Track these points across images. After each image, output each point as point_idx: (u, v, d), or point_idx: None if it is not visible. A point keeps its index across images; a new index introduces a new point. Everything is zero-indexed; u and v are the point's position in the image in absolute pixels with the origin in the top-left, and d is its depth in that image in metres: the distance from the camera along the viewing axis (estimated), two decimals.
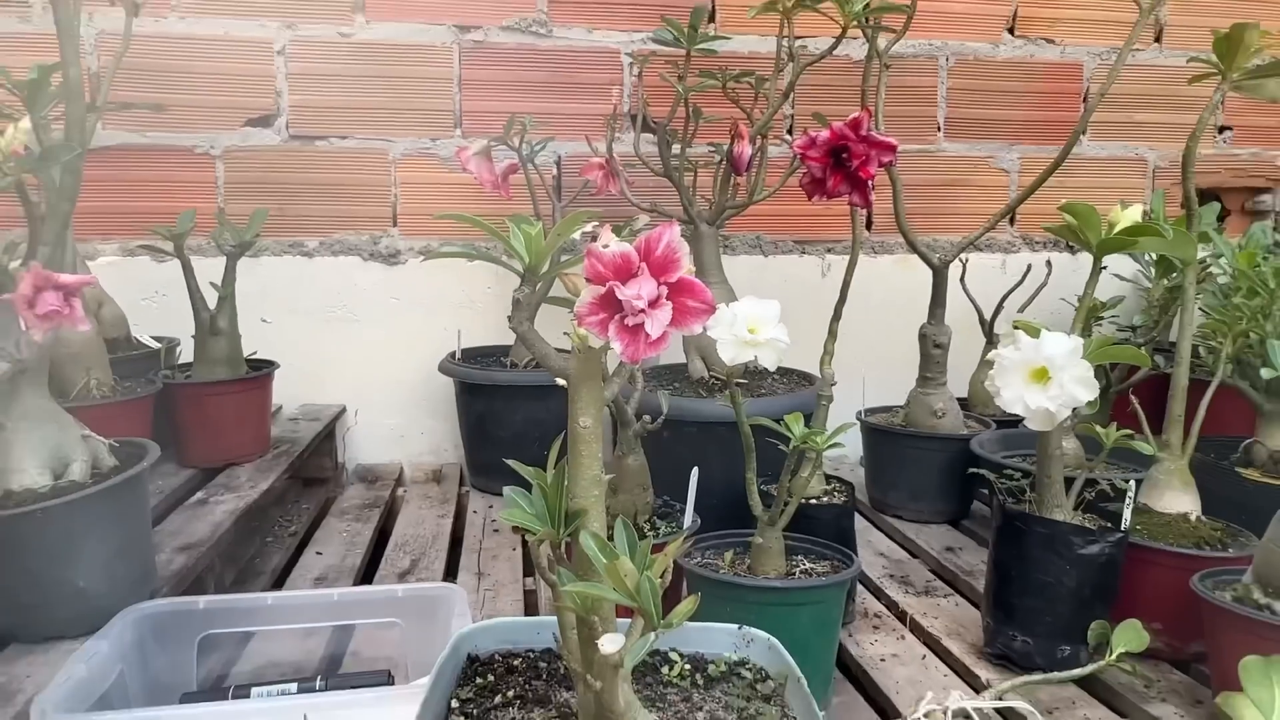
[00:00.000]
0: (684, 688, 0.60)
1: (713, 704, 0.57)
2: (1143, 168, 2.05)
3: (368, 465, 1.83)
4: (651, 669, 0.62)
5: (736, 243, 1.90)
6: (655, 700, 0.57)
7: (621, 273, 0.44)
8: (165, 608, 0.92)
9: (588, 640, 0.48)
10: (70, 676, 0.75)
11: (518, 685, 0.59)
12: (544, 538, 0.50)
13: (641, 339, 0.45)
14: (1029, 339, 0.91)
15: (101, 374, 1.29)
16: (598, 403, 0.51)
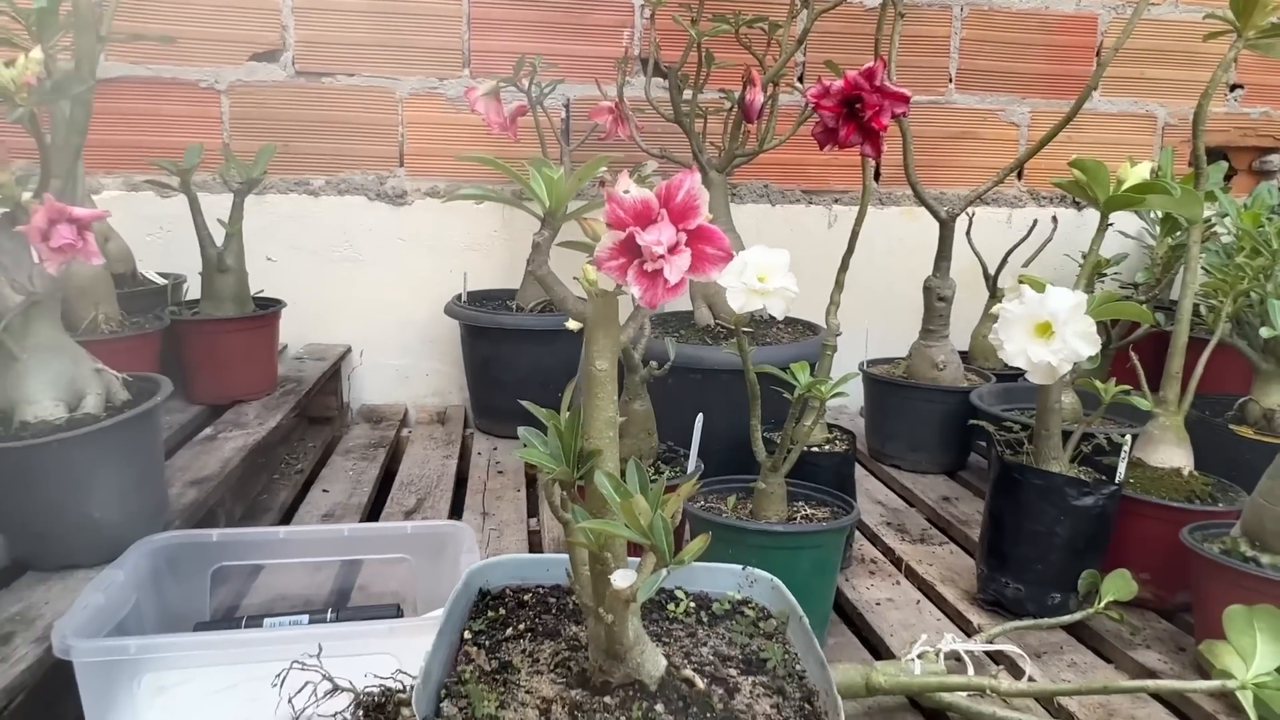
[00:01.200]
0: (689, 624, 0.61)
1: (717, 640, 0.59)
2: (1152, 125, 2.04)
3: (373, 406, 1.85)
4: (658, 606, 0.63)
5: (744, 191, 1.89)
6: (661, 635, 0.59)
7: (642, 218, 0.45)
8: (179, 539, 0.94)
9: (600, 576, 0.49)
10: (88, 604, 0.77)
11: (528, 619, 0.61)
12: (558, 477, 0.52)
13: (660, 284, 0.45)
14: (1033, 294, 0.92)
15: (109, 309, 1.30)
16: (613, 347, 0.51)
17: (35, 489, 0.90)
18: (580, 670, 0.53)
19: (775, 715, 0.49)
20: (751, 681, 0.53)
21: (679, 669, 0.53)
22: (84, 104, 0.91)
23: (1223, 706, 0.86)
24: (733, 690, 0.52)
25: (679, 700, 0.50)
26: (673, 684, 0.51)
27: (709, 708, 0.49)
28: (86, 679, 0.71)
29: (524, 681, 0.53)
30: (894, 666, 0.88)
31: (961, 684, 0.85)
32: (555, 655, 0.56)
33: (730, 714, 0.49)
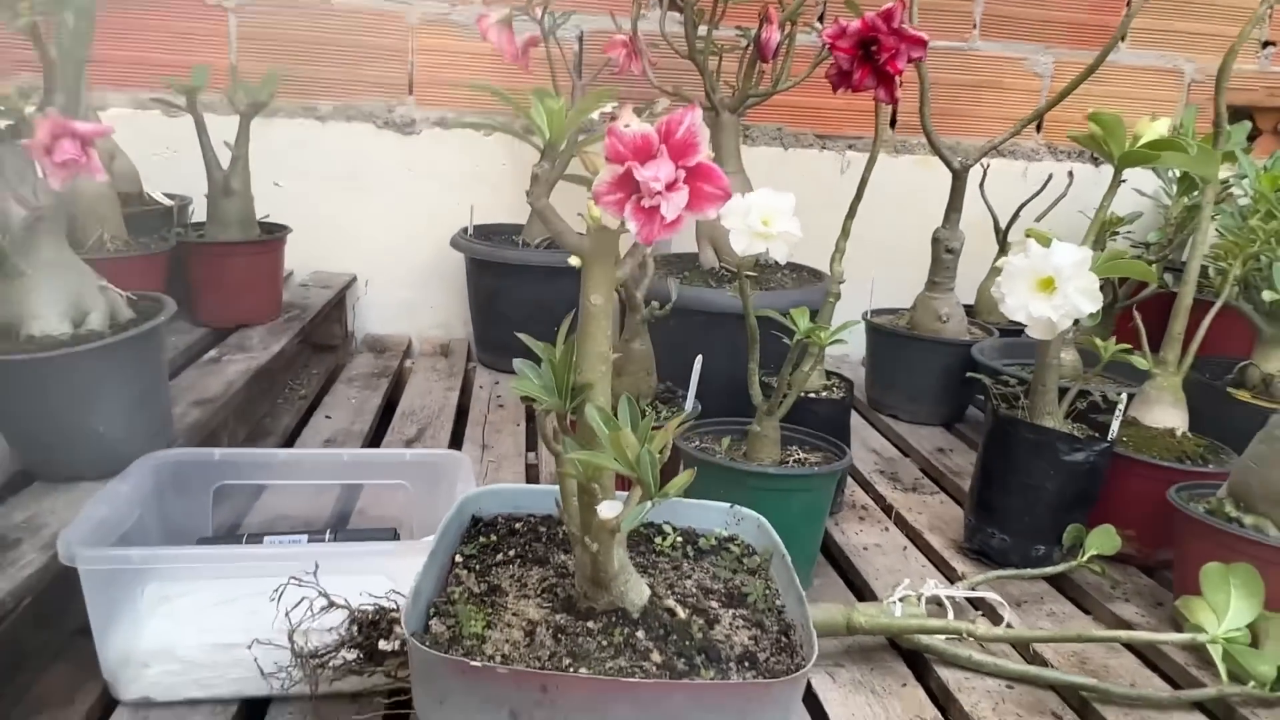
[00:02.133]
0: (675, 557, 0.63)
1: (701, 573, 0.60)
2: (1178, 80, 1.99)
3: (376, 335, 1.86)
4: (645, 539, 0.65)
5: (757, 133, 1.87)
6: (647, 567, 0.61)
7: (641, 153, 0.44)
8: (182, 457, 0.95)
9: (587, 506, 0.50)
10: (93, 515, 0.79)
11: (519, 546, 0.62)
12: (550, 409, 0.52)
13: (656, 221, 0.45)
14: (1039, 247, 0.91)
15: (115, 228, 1.30)
16: (609, 282, 0.52)
17: (41, 402, 0.91)
18: (566, 596, 0.55)
19: (753, 646, 0.51)
20: (732, 614, 0.55)
21: (662, 599, 0.54)
22: (87, 14, 0.90)
23: (1194, 660, 0.88)
24: (713, 621, 0.53)
25: (660, 628, 0.51)
26: (655, 612, 0.53)
27: (689, 636, 0.51)
28: (91, 586, 0.73)
29: (511, 604, 0.54)
30: (875, 608, 0.90)
31: (940, 627, 0.87)
32: (543, 581, 0.57)
33: (709, 643, 0.50)
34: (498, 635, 0.51)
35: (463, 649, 0.49)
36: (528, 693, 0.44)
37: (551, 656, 0.48)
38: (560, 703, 0.43)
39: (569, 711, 0.44)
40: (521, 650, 0.49)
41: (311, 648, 0.70)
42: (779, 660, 0.50)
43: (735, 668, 0.49)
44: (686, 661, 0.48)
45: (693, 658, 0.49)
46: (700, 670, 0.48)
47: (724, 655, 0.49)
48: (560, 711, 0.44)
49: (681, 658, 0.49)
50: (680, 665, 0.48)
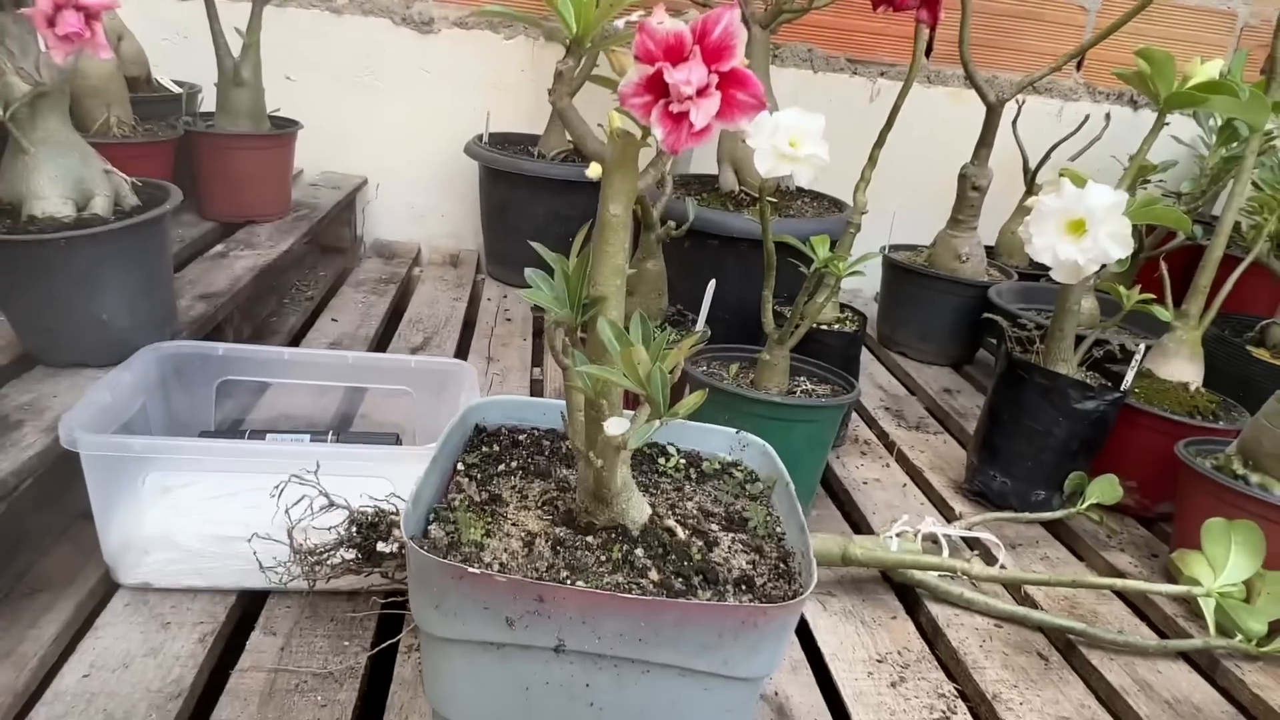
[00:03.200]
0: (678, 479, 0.62)
1: (703, 496, 0.60)
2: (1231, 24, 1.90)
3: (385, 241, 1.83)
4: (649, 459, 0.64)
5: (787, 54, 1.80)
6: (649, 487, 0.60)
7: (673, 54, 0.41)
8: (186, 349, 0.95)
9: (594, 422, 0.49)
10: (95, 401, 0.78)
11: (520, 458, 0.61)
12: (561, 320, 0.51)
13: (684, 128, 0.43)
14: (1072, 188, 0.88)
15: (122, 112, 1.27)
16: (630, 192, 0.49)
17: (43, 285, 0.90)
18: (567, 510, 0.54)
19: (750, 570, 0.51)
20: (731, 538, 0.54)
21: (662, 519, 0.54)
22: None
23: (1182, 611, 0.89)
24: (712, 543, 0.53)
25: (659, 547, 0.51)
26: (655, 531, 0.52)
27: (687, 556, 0.50)
28: (93, 472, 0.73)
29: (511, 514, 0.54)
30: (872, 541, 0.90)
31: (935, 564, 0.88)
32: (543, 494, 0.57)
33: (707, 564, 0.50)
34: (496, 544, 0.51)
35: (461, 555, 0.48)
36: (524, 602, 0.43)
37: (550, 568, 0.48)
38: (555, 614, 0.43)
39: (563, 623, 0.44)
40: (520, 560, 0.48)
41: (310, 545, 0.70)
42: (776, 586, 0.49)
43: (732, 590, 0.48)
44: (684, 581, 0.48)
45: (690, 578, 0.49)
46: (697, 591, 0.48)
47: (721, 578, 0.49)
48: (555, 622, 0.44)
49: (679, 577, 0.48)
50: (677, 585, 0.48)
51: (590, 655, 0.45)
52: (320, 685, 0.67)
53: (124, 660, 0.67)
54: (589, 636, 0.44)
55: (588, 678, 0.46)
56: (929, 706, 0.74)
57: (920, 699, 0.75)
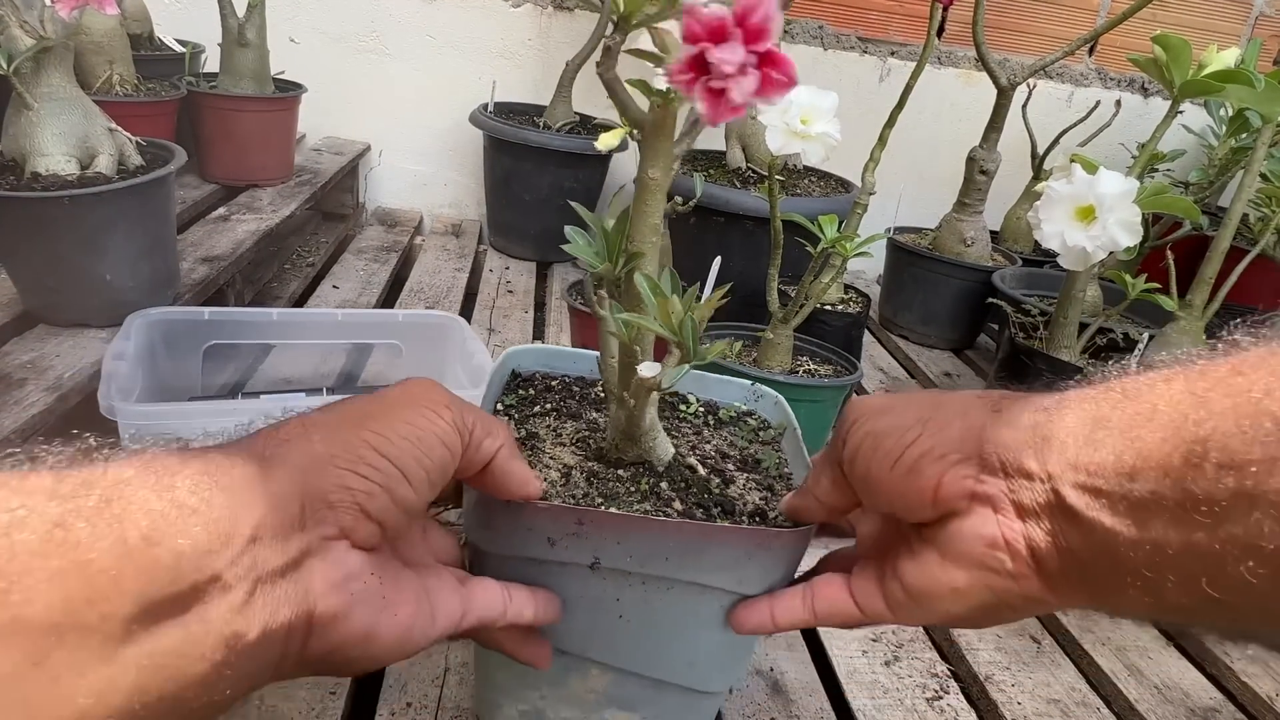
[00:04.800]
0: (697, 425, 0.65)
1: (720, 440, 0.63)
2: (1246, 13, 1.89)
3: (388, 209, 1.82)
4: (671, 406, 0.66)
5: (797, 29, 1.78)
6: (671, 430, 0.63)
7: (716, 35, 0.43)
8: (172, 315, 0.92)
9: (627, 366, 0.53)
10: (115, 372, 0.77)
11: (554, 401, 0.64)
12: (602, 273, 0.54)
13: (725, 103, 0.45)
14: (1084, 174, 0.88)
15: (124, 69, 1.25)
16: (668, 156, 0.52)
17: (46, 243, 0.89)
18: (598, 448, 0.57)
19: (763, 504, 0.54)
20: (746, 477, 0.58)
21: (684, 457, 0.58)
22: None
23: None
24: (728, 481, 0.56)
25: (682, 481, 0.55)
26: (678, 468, 0.56)
27: (707, 490, 0.54)
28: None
29: (548, 450, 0.57)
30: None
31: None
32: (576, 433, 0.59)
33: (725, 498, 0.54)
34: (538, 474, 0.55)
35: None
36: (564, 524, 0.48)
37: (585, 496, 0.52)
38: (592, 535, 0.48)
39: (599, 542, 0.48)
40: (558, 489, 0.52)
41: None
42: (786, 521, 0.53)
43: (747, 520, 0.52)
44: (704, 511, 0.52)
45: (710, 508, 0.52)
46: (716, 519, 0.52)
47: (738, 509, 0.53)
48: (591, 542, 0.48)
49: (700, 508, 0.52)
50: (699, 514, 0.52)
51: (621, 572, 0.49)
52: None
53: None
54: (621, 556, 0.48)
55: (618, 592, 0.50)
56: (922, 685, 0.75)
57: (913, 678, 0.76)
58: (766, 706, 0.70)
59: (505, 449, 0.45)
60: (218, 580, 0.30)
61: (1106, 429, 0.34)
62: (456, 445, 0.42)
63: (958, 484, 0.38)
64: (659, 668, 0.54)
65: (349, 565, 0.37)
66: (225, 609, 0.31)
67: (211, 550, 0.30)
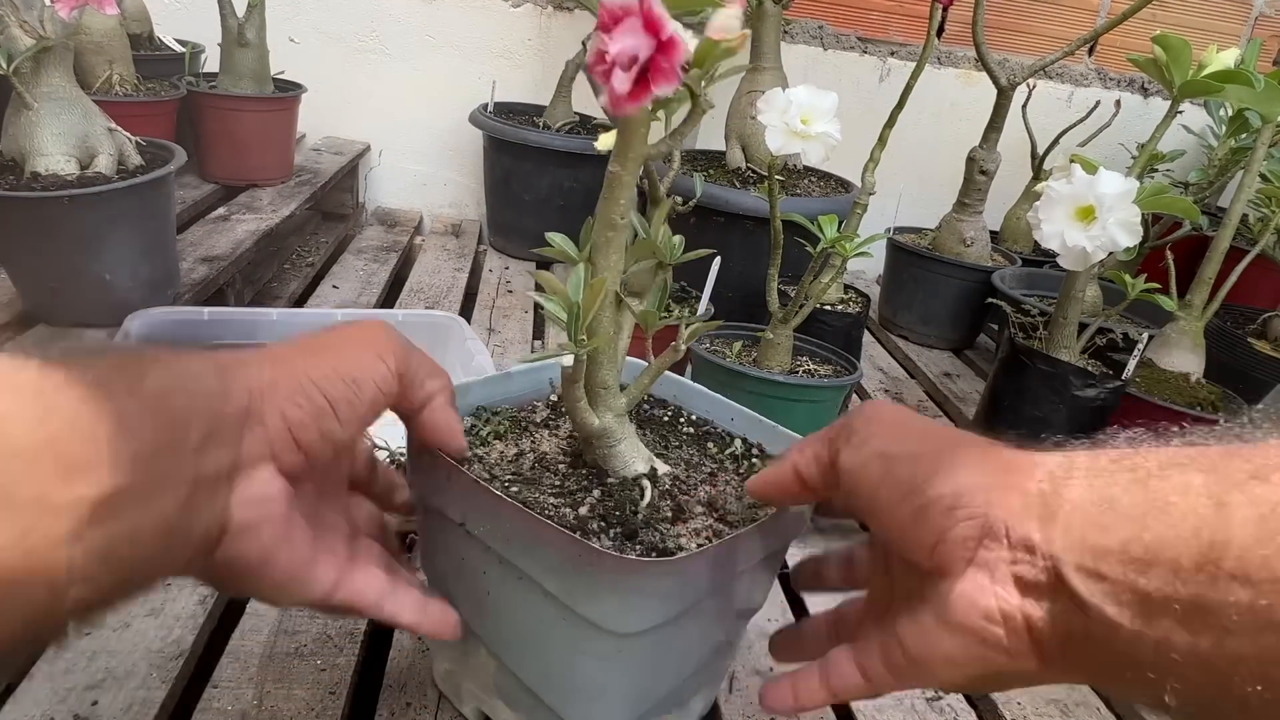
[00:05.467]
0: (727, 467, 0.60)
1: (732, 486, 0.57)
2: (1246, 13, 1.89)
3: (388, 209, 1.82)
4: (708, 438, 0.63)
5: (797, 30, 1.78)
6: (666, 453, 0.59)
7: (620, 22, 0.42)
8: (171, 315, 0.93)
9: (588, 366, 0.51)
10: None
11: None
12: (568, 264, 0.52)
13: (614, 92, 0.43)
14: (1083, 174, 0.88)
15: (124, 69, 1.25)
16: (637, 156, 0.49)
17: (46, 243, 0.89)
18: (577, 449, 0.56)
19: (684, 544, 0.50)
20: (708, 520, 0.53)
21: (653, 482, 0.53)
22: None
23: None
24: (680, 518, 0.52)
25: (616, 496, 0.51)
26: (627, 486, 0.52)
27: (633, 510, 0.50)
28: None
29: (536, 434, 0.58)
30: None
31: None
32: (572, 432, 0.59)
33: (646, 525, 0.49)
34: (501, 447, 0.55)
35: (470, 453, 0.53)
36: (439, 475, 0.49)
37: (512, 474, 0.52)
38: (456, 495, 0.49)
39: (462, 503, 0.49)
40: (503, 464, 0.53)
41: None
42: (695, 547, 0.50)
43: (637, 550, 0.47)
44: (601, 524, 0.48)
45: (615, 526, 0.48)
46: (599, 538, 0.47)
47: (647, 541, 0.48)
48: (457, 501, 0.49)
49: (602, 520, 0.48)
50: (593, 526, 0.48)
51: (483, 544, 0.49)
52: (320, 649, 0.67)
53: (125, 619, 0.67)
54: (477, 523, 0.48)
55: (485, 565, 0.50)
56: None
57: None
58: None
59: (442, 397, 0.47)
60: (167, 477, 0.33)
61: (1115, 513, 0.33)
62: (391, 387, 0.44)
63: (959, 546, 0.36)
64: (523, 668, 0.52)
65: (269, 487, 0.39)
66: (171, 502, 0.33)
67: (163, 450, 0.33)
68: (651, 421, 0.64)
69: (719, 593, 0.51)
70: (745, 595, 0.56)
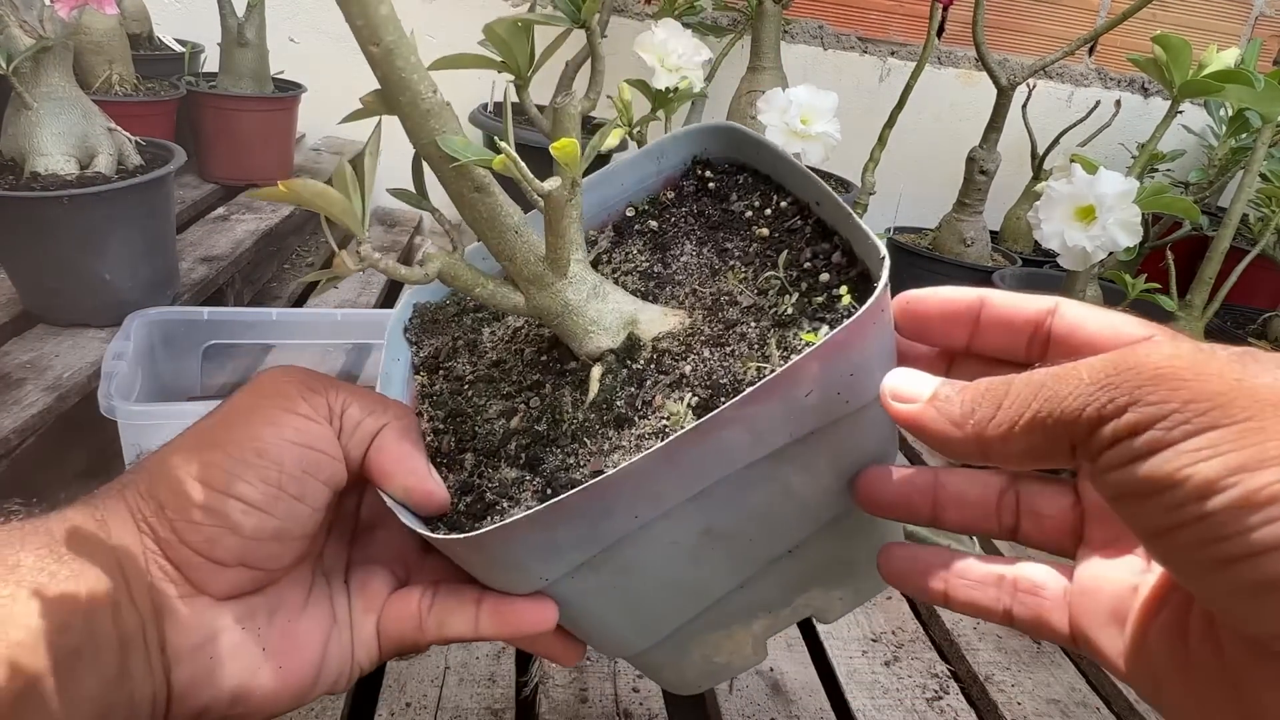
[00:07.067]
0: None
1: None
2: (1246, 13, 1.89)
3: (387, 209, 1.82)
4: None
5: (797, 29, 1.78)
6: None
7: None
8: (171, 315, 0.92)
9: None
10: (115, 372, 0.76)
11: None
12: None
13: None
14: (1084, 174, 0.88)
15: (124, 69, 1.25)
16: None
17: (45, 243, 0.89)
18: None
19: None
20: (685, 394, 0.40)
21: (613, 353, 0.40)
22: None
23: None
24: (643, 409, 0.38)
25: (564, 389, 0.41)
26: (583, 367, 0.41)
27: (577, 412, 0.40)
28: (128, 438, 0.72)
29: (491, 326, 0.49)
30: None
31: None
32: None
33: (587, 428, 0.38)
34: (491, 331, 0.47)
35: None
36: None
37: (470, 378, 0.44)
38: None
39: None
40: (481, 359, 0.45)
41: None
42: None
43: (535, 489, 0.37)
44: (519, 450, 0.38)
45: (522, 456, 0.38)
46: (501, 471, 0.38)
47: (547, 475, 0.37)
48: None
49: (523, 448, 0.38)
50: (511, 451, 0.39)
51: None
52: None
53: None
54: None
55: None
56: (922, 685, 0.75)
57: (914, 678, 0.76)
58: (766, 706, 0.70)
59: (391, 430, 0.35)
60: (79, 657, 0.28)
61: None
62: (324, 437, 0.34)
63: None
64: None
65: (207, 625, 0.32)
66: (97, 683, 0.29)
67: (69, 626, 0.28)
68: (707, 225, 0.47)
69: (709, 493, 0.34)
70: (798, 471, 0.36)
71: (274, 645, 0.34)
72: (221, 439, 0.33)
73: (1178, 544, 0.22)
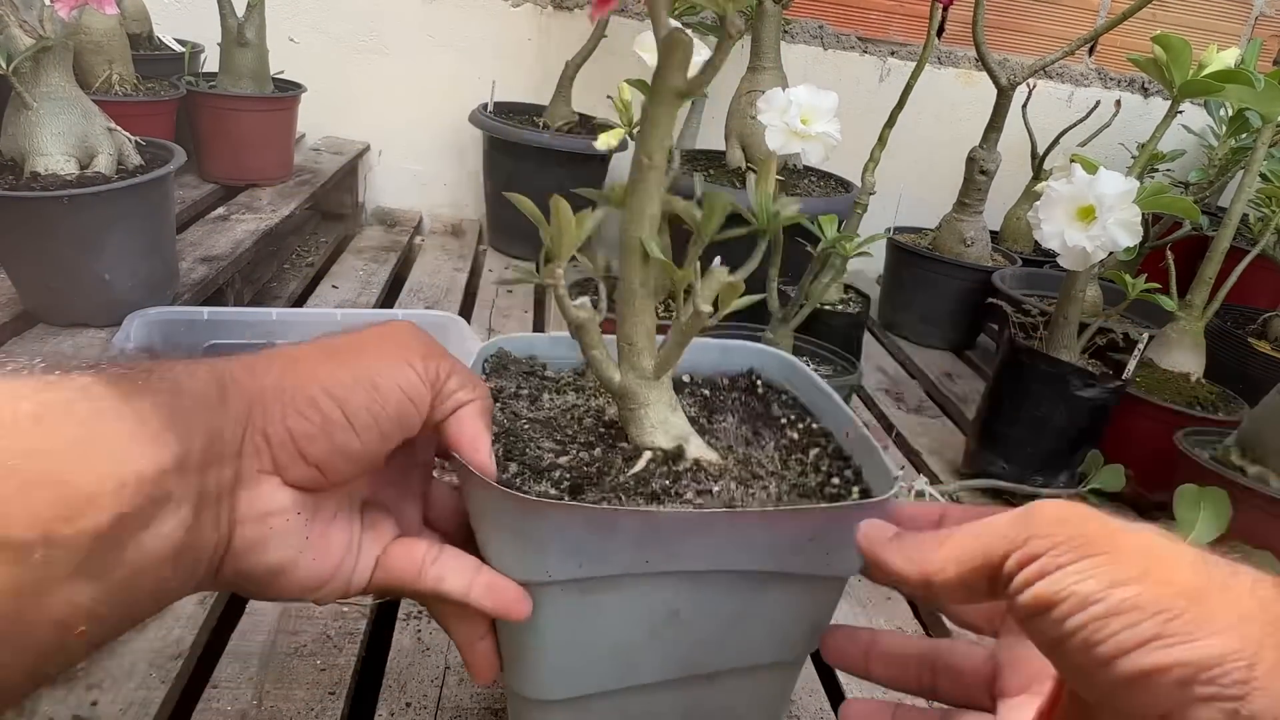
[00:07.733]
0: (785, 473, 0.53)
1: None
2: (1246, 13, 1.89)
3: (387, 209, 1.82)
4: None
5: (797, 29, 1.78)
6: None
7: None
8: (171, 315, 0.92)
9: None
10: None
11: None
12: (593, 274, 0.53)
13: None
14: (1083, 174, 0.88)
15: (124, 69, 1.25)
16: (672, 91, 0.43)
17: (45, 243, 0.89)
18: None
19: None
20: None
21: (674, 463, 0.48)
22: None
23: None
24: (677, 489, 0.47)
25: (642, 473, 0.47)
26: (650, 465, 0.48)
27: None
28: None
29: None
30: None
31: None
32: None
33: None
34: (550, 400, 0.54)
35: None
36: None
37: (526, 419, 0.50)
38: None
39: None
40: (536, 414, 0.51)
41: None
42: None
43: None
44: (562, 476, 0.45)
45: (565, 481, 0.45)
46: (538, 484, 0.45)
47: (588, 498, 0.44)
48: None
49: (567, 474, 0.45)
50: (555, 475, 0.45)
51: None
52: (320, 649, 0.67)
53: None
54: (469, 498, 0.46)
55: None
56: None
57: None
58: None
59: (475, 406, 0.42)
60: (170, 502, 0.32)
61: None
62: (422, 396, 0.39)
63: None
64: None
65: (273, 501, 0.37)
66: (176, 525, 0.32)
67: (166, 473, 0.32)
68: (749, 413, 0.56)
69: (702, 578, 0.43)
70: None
71: (313, 539, 0.39)
72: (351, 362, 0.39)
73: (1070, 649, 0.28)
